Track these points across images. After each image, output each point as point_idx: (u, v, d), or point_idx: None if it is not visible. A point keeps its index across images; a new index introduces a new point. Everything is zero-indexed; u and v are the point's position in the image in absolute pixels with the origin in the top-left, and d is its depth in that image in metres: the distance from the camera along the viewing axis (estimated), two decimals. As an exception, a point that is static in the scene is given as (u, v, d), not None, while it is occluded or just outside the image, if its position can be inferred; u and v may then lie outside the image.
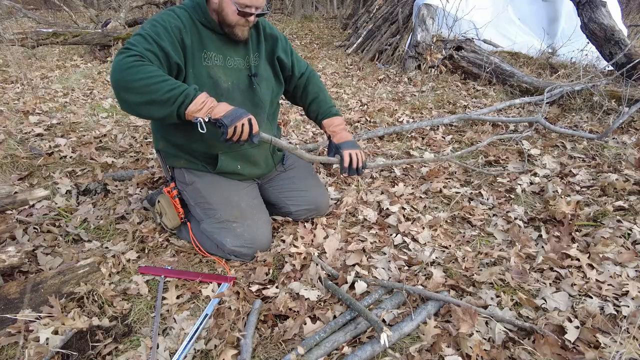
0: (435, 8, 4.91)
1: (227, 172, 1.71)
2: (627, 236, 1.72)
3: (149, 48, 1.37)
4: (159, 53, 1.40)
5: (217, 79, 1.56)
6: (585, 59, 4.38)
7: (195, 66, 1.52)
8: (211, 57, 1.55)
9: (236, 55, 1.62)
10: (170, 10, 1.52)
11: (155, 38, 1.39)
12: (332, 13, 11.88)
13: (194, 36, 1.51)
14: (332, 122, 1.85)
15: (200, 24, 1.52)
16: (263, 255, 1.68)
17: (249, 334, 1.28)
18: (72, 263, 1.54)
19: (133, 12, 7.90)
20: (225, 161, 1.67)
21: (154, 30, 1.41)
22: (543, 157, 2.51)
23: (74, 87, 4.06)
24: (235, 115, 1.37)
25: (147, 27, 1.43)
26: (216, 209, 1.67)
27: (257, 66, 1.67)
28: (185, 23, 1.49)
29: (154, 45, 1.39)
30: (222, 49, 1.57)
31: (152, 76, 1.31)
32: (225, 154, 1.67)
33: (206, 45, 1.53)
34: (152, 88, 1.31)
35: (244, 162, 1.72)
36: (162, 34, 1.41)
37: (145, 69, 1.32)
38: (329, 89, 4.35)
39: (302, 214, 1.87)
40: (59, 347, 1.25)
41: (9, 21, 6.61)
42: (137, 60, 1.33)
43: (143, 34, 1.40)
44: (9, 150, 2.43)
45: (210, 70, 1.54)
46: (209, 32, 1.54)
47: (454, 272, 1.57)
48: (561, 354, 1.20)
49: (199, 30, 1.52)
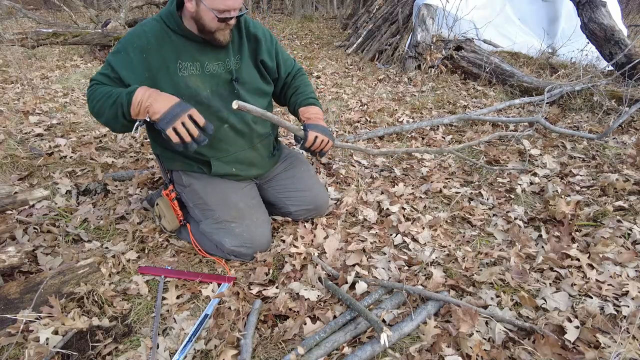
0: (435, 8, 4.91)
1: (222, 175, 1.70)
2: (627, 236, 1.72)
3: (106, 74, 1.46)
4: (114, 78, 1.46)
5: (195, 88, 1.52)
6: (585, 59, 4.38)
7: (172, 78, 1.49)
8: (187, 67, 1.51)
9: (215, 60, 1.56)
10: (141, 25, 1.50)
11: (113, 65, 1.45)
12: (332, 13, 11.88)
13: (165, 49, 1.47)
14: (308, 110, 1.75)
15: (174, 32, 1.48)
16: (263, 255, 1.68)
17: (249, 334, 1.28)
18: (72, 263, 1.54)
19: (133, 12, 7.90)
20: (218, 166, 1.66)
21: (115, 58, 1.46)
22: (543, 157, 2.51)
23: (74, 87, 4.06)
24: (171, 115, 1.33)
25: (110, 56, 1.48)
26: (214, 210, 1.67)
27: (238, 70, 1.61)
28: (152, 39, 1.45)
29: (109, 71, 1.46)
30: (198, 56, 1.52)
31: (100, 97, 1.41)
32: (217, 159, 1.65)
33: (181, 56, 1.49)
34: (102, 109, 1.42)
35: (239, 164, 1.71)
36: (121, 61, 1.45)
37: (95, 92, 1.43)
38: (329, 88, 4.35)
39: (301, 214, 1.87)
40: (59, 347, 1.25)
41: (9, 21, 6.61)
42: (92, 87, 1.46)
43: (105, 63, 1.48)
44: (9, 150, 2.43)
45: (187, 81, 1.50)
46: (184, 40, 1.49)
47: (454, 272, 1.57)
48: (561, 354, 1.20)
49: (172, 40, 1.48)
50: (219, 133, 1.61)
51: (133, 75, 1.45)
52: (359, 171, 2.44)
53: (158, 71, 1.47)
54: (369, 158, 2.64)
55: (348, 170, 2.42)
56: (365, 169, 2.50)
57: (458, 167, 2.48)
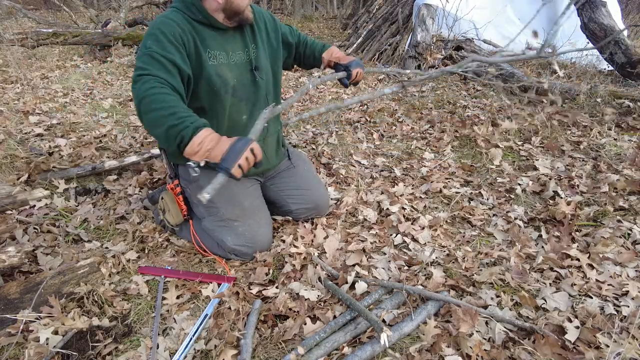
0: (435, 8, 4.91)
1: None
2: (627, 236, 1.72)
3: (162, 67, 1.34)
4: (172, 69, 1.36)
5: (224, 77, 1.54)
6: (585, 59, 4.37)
7: (204, 68, 1.49)
8: (216, 55, 1.52)
9: (237, 49, 1.59)
10: (164, 17, 1.45)
11: (164, 54, 1.35)
12: (332, 13, 11.88)
13: (194, 38, 1.47)
14: (331, 51, 1.88)
15: (197, 22, 1.48)
16: (263, 255, 1.68)
17: (249, 334, 1.28)
18: (72, 263, 1.54)
19: (133, 12, 7.90)
20: None
21: (160, 46, 1.36)
22: (543, 157, 2.51)
23: (74, 87, 4.06)
24: (234, 152, 1.21)
25: (152, 44, 1.37)
26: (219, 207, 1.67)
27: (257, 58, 1.65)
28: (183, 27, 1.43)
29: (166, 63, 1.35)
30: (223, 45, 1.54)
31: (160, 108, 1.26)
32: None
33: (208, 45, 1.50)
34: (159, 123, 1.26)
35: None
36: (169, 48, 1.37)
37: (154, 97, 1.28)
38: (329, 88, 4.35)
39: (302, 212, 1.87)
40: (59, 347, 1.25)
41: (9, 21, 6.61)
42: (150, 89, 1.29)
43: (151, 54, 1.34)
44: (9, 150, 2.43)
45: (217, 69, 1.52)
46: (208, 30, 1.50)
47: (454, 272, 1.57)
48: (561, 354, 1.20)
49: (197, 30, 1.48)
50: (237, 122, 1.64)
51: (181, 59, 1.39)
52: (359, 171, 2.44)
53: (192, 58, 1.46)
54: (369, 158, 2.64)
55: (348, 170, 2.42)
56: (365, 169, 2.50)
57: (458, 167, 2.48)
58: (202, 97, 1.53)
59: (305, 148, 2.82)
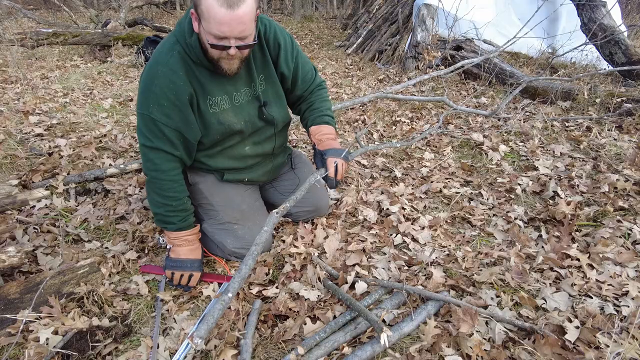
0: (435, 8, 4.91)
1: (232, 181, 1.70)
2: (627, 236, 1.72)
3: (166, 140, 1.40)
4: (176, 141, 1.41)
5: (228, 124, 1.46)
6: (585, 59, 4.37)
7: (204, 116, 1.42)
8: (217, 102, 1.43)
9: (241, 87, 1.47)
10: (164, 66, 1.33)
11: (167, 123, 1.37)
12: (332, 13, 11.89)
13: (193, 85, 1.37)
14: (320, 129, 1.64)
15: (196, 64, 1.37)
16: (263, 255, 1.68)
17: (249, 334, 1.28)
18: (72, 263, 1.54)
19: (133, 12, 7.90)
20: (231, 176, 1.67)
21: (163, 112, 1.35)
22: (544, 157, 2.51)
23: (74, 87, 4.06)
24: (180, 266, 1.51)
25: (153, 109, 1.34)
26: (218, 210, 1.67)
27: (264, 91, 1.53)
28: (183, 76, 1.34)
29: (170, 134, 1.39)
30: (225, 87, 1.43)
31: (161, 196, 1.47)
32: (229, 171, 1.65)
33: (208, 91, 1.40)
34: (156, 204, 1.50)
35: (253, 173, 1.72)
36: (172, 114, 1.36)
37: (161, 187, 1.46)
38: (328, 88, 4.35)
39: (302, 215, 1.87)
40: (59, 347, 1.25)
41: (9, 21, 6.61)
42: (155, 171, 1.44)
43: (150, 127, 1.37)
44: (9, 150, 2.43)
45: (219, 117, 1.44)
46: (207, 73, 1.39)
47: (454, 272, 1.57)
48: (561, 354, 1.19)
49: (197, 75, 1.37)
50: (237, 154, 1.61)
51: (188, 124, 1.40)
52: (359, 171, 2.44)
53: (189, 113, 1.39)
54: (369, 158, 2.64)
55: (348, 171, 2.42)
56: (365, 169, 2.50)
57: (458, 167, 2.48)
58: (204, 142, 1.50)
59: (305, 148, 2.82)
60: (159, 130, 1.37)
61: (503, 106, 3.21)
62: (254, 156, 1.66)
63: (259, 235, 1.23)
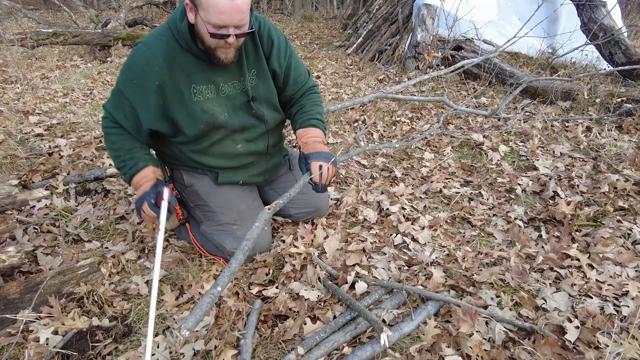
0: (435, 8, 4.91)
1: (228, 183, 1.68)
2: (627, 236, 1.72)
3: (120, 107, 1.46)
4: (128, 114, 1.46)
5: (212, 113, 1.46)
6: (585, 59, 4.37)
7: (187, 105, 1.43)
8: (201, 91, 1.43)
9: (230, 79, 1.47)
10: (150, 46, 1.37)
11: (127, 95, 1.42)
12: (332, 13, 11.89)
13: (177, 72, 1.38)
14: (307, 132, 1.58)
15: (185, 51, 1.38)
16: (263, 255, 1.68)
17: (249, 334, 1.28)
18: (72, 263, 1.54)
19: (133, 12, 7.90)
20: (225, 177, 1.65)
21: (127, 87, 1.41)
22: (544, 157, 2.51)
23: (74, 87, 4.06)
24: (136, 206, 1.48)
25: (122, 82, 1.42)
26: (215, 212, 1.66)
27: (255, 86, 1.52)
28: (163, 63, 1.36)
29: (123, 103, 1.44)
30: (212, 77, 1.43)
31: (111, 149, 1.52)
32: (224, 170, 1.64)
33: (194, 79, 1.41)
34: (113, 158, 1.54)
35: (248, 174, 1.70)
36: (134, 92, 1.40)
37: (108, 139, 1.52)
38: (329, 88, 4.35)
39: (301, 216, 1.87)
40: (59, 347, 1.25)
41: (9, 21, 6.61)
42: (106, 127, 1.51)
43: (116, 95, 1.46)
44: (9, 150, 2.43)
45: (203, 105, 1.44)
46: (195, 59, 1.39)
47: (454, 272, 1.57)
48: (561, 354, 1.19)
49: (183, 61, 1.38)
50: (230, 152, 1.60)
51: (146, 107, 1.42)
52: (359, 171, 2.44)
53: (172, 98, 1.41)
54: (369, 158, 2.64)
55: (348, 170, 2.42)
56: (365, 169, 2.50)
57: (458, 167, 2.48)
58: (188, 133, 1.48)
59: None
60: (119, 101, 1.46)
61: (503, 106, 3.22)
62: (247, 154, 1.64)
63: (250, 231, 1.21)
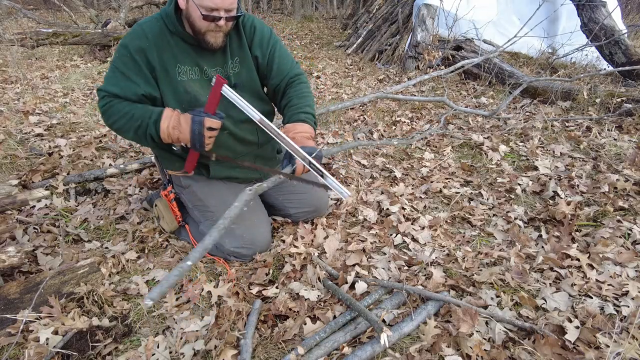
0: (435, 8, 4.91)
1: (221, 178, 1.69)
2: (627, 236, 1.72)
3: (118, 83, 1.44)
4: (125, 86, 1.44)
5: (194, 94, 1.50)
6: (585, 59, 4.37)
7: (172, 83, 1.47)
8: (186, 71, 1.48)
9: (214, 65, 1.53)
10: (140, 25, 1.47)
11: (122, 70, 1.43)
12: (332, 13, 11.89)
13: (164, 51, 1.45)
14: (295, 127, 1.52)
15: (173, 34, 1.46)
16: (263, 255, 1.68)
17: (249, 334, 1.28)
18: (72, 263, 1.54)
19: (133, 12, 7.90)
20: (217, 170, 1.66)
21: (122, 62, 1.44)
22: (544, 157, 2.51)
23: (74, 87, 4.06)
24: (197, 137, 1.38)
25: (117, 59, 1.45)
26: (214, 212, 1.67)
27: (237, 74, 1.56)
28: (152, 40, 1.43)
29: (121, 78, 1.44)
30: (197, 60, 1.49)
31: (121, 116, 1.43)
32: (215, 163, 1.62)
33: (179, 59, 1.47)
34: (125, 128, 1.44)
35: (239, 168, 1.70)
36: (128, 65, 1.43)
37: (113, 109, 1.43)
38: (329, 88, 4.35)
39: (301, 216, 1.87)
40: (59, 347, 1.25)
41: (9, 21, 6.61)
42: (106, 104, 1.44)
43: (111, 70, 1.46)
44: (9, 150, 2.43)
45: (186, 85, 1.49)
46: (182, 43, 1.47)
47: (454, 272, 1.57)
48: (561, 354, 1.19)
49: (171, 43, 1.46)
50: (218, 140, 1.56)
51: (142, 78, 1.44)
52: (359, 171, 2.44)
53: (159, 73, 1.46)
54: (369, 158, 2.64)
55: (348, 170, 2.42)
56: (365, 169, 2.50)
57: (458, 167, 2.48)
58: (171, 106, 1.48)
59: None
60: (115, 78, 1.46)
61: (503, 106, 3.22)
62: (234, 141, 1.62)
63: (229, 210, 1.19)
